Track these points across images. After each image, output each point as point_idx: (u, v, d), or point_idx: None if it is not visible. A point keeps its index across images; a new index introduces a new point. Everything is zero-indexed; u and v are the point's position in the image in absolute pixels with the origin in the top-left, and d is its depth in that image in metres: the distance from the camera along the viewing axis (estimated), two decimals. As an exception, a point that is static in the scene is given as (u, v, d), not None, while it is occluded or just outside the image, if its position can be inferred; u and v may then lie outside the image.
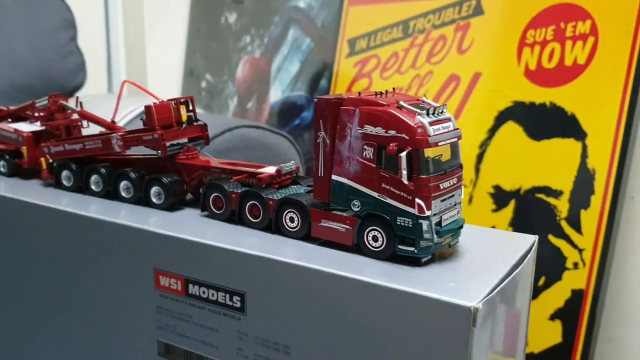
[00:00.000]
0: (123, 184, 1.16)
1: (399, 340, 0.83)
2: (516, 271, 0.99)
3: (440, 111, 1.01)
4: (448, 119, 1.02)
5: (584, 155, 2.11)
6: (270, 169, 1.21)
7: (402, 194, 0.91)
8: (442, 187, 1.01)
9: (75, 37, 2.75)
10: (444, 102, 1.99)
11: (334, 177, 0.95)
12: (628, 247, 2.03)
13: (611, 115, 2.04)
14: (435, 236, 0.99)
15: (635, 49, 2.03)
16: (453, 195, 1.04)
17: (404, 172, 0.97)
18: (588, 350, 2.08)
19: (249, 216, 1.06)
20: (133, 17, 3.21)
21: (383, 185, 0.92)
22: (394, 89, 1.06)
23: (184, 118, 1.19)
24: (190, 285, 1.02)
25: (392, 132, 0.90)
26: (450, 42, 2.04)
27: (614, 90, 2.03)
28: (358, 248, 0.94)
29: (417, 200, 0.97)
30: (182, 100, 1.19)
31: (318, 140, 1.05)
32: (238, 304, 0.98)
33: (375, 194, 0.92)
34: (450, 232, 1.04)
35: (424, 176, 0.98)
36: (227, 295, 0.99)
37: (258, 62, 2.97)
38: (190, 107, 1.21)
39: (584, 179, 2.08)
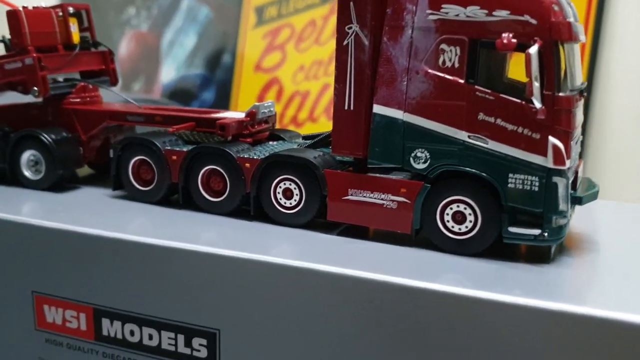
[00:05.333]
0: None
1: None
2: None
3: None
4: (568, 2, 0.56)
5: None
6: (235, 114, 0.70)
7: (520, 130, 0.53)
8: (577, 121, 0.56)
9: None
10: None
11: (376, 108, 0.58)
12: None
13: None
14: (569, 207, 0.55)
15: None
16: (578, 139, 0.58)
17: (536, 85, 0.50)
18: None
19: (204, 192, 0.67)
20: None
21: (481, 116, 0.54)
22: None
23: (76, 39, 0.79)
24: (106, 322, 0.61)
25: (503, 14, 0.52)
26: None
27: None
28: (418, 236, 0.60)
29: (551, 140, 0.52)
30: (71, 10, 0.79)
31: (345, 41, 0.57)
32: (202, 353, 0.57)
33: (463, 135, 0.55)
34: (586, 199, 0.58)
35: (563, 94, 0.52)
36: (182, 338, 0.58)
37: (145, 37, 2.45)
38: (86, 24, 0.82)
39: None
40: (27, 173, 0.75)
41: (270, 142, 0.72)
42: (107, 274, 0.60)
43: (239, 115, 0.71)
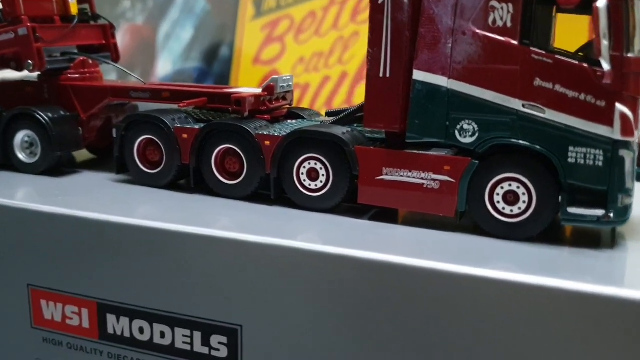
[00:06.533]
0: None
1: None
2: None
3: None
4: None
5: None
6: (250, 90, 0.64)
7: (583, 97, 0.47)
8: (642, 87, 0.50)
9: None
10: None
11: (417, 75, 0.53)
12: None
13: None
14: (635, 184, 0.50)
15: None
16: None
17: (605, 44, 0.45)
18: None
19: (218, 174, 0.61)
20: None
21: (537, 82, 0.48)
22: None
23: (74, 10, 0.74)
24: (111, 319, 0.56)
25: (565, -34, 0.48)
26: (378, -4, 1.58)
27: None
28: (462, 220, 0.54)
29: (619, 107, 0.46)
30: (69, -20, 0.76)
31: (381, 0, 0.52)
32: (222, 352, 0.51)
33: (516, 104, 0.50)
34: None
35: (633, 56, 0.47)
36: (199, 336, 0.52)
37: (141, 31, 2.38)
38: (86, -4, 0.79)
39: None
40: (21, 156, 0.70)
41: (289, 121, 0.66)
42: (112, 265, 0.54)
43: (256, 90, 0.65)
